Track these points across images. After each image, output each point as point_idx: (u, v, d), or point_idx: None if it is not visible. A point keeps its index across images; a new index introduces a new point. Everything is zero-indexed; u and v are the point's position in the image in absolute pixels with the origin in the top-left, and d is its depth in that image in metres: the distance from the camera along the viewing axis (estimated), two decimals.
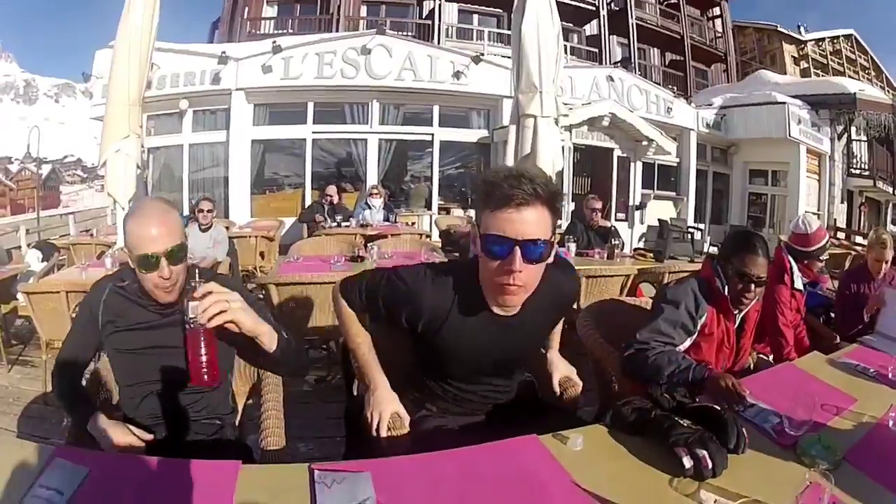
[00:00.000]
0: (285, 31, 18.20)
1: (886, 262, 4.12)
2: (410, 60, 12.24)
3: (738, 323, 2.58)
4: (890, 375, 2.67)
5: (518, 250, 1.50)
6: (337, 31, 16.89)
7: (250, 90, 11.87)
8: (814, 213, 16.59)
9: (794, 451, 1.70)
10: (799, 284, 3.50)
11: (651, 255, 6.34)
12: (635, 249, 6.94)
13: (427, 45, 13.39)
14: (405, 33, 17.03)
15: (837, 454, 1.67)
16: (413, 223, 10.96)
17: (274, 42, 11.87)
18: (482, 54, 12.92)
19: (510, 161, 7.98)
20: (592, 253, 6.17)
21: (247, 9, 19.02)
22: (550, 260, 1.62)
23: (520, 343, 1.87)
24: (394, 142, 12.89)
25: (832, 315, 4.58)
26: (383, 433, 1.77)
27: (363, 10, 18.84)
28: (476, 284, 1.70)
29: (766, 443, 1.76)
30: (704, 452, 1.45)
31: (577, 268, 4.98)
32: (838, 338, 3.75)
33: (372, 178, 12.44)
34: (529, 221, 1.50)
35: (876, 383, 2.57)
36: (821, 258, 3.66)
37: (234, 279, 1.87)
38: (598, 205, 6.81)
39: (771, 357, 3.38)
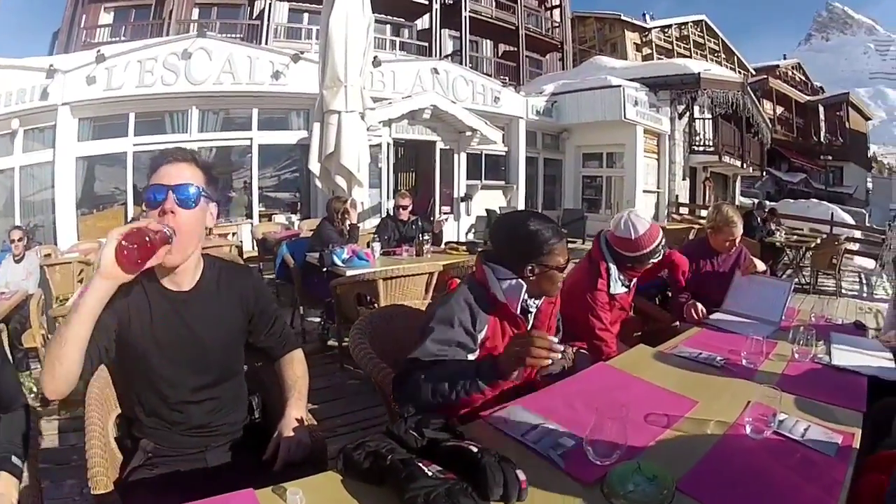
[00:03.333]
0: (119, 38, 17.52)
1: (737, 239, 3.85)
2: (230, 63, 12.05)
3: (531, 324, 2.22)
4: (744, 362, 2.35)
5: (172, 193, 1.66)
6: (168, 35, 16.29)
7: (75, 104, 11.36)
8: (653, 192, 17.78)
9: (600, 490, 1.34)
10: (618, 290, 3.17)
11: (464, 247, 6.30)
12: (447, 243, 6.85)
13: (247, 46, 13.21)
14: (235, 35, 16.88)
15: (666, 486, 1.31)
16: (234, 233, 10.84)
17: (98, 51, 11.40)
18: (302, 52, 12.87)
19: (314, 161, 7.88)
20: (400, 251, 6.07)
21: (84, 17, 18.25)
22: (206, 217, 1.78)
23: (200, 325, 1.82)
24: (214, 149, 12.65)
25: (668, 295, 4.27)
26: None
27: (195, 13, 18.48)
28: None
29: (561, 480, 1.39)
30: None
31: (371, 270, 4.93)
32: (678, 321, 3.51)
33: None
34: (182, 172, 1.71)
35: (725, 377, 2.22)
36: (652, 261, 3.20)
37: None
38: (406, 201, 6.86)
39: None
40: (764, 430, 1.65)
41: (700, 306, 3.38)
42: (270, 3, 18.42)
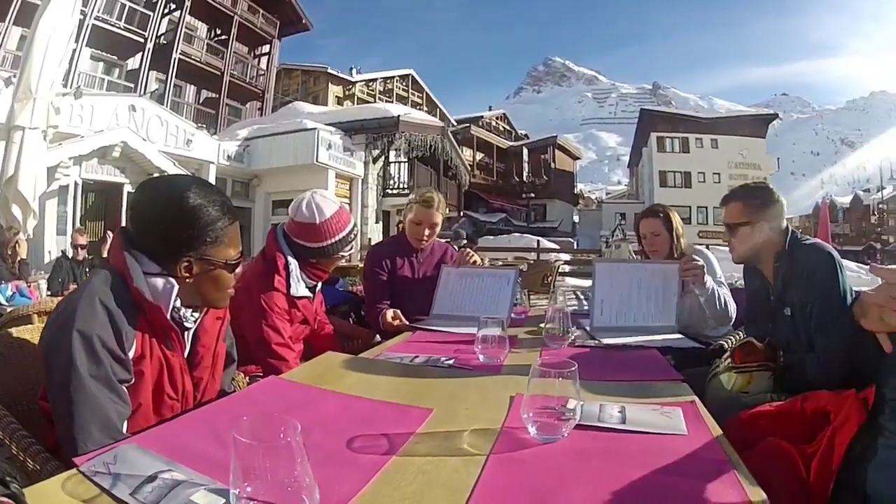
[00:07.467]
0: None
1: (435, 227, 3.27)
2: None
3: (188, 346, 1.61)
4: (481, 358, 1.93)
5: None
6: None
7: None
8: None
9: None
10: (301, 291, 2.60)
11: None
12: None
13: None
14: None
15: None
16: None
17: None
18: (15, 75, 10.40)
19: None
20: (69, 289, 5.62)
21: None
22: None
23: None
24: None
25: (363, 313, 3.63)
26: None
27: None
28: None
29: None
30: None
31: (27, 304, 3.94)
32: (380, 337, 2.99)
33: None
34: None
35: (462, 375, 1.79)
36: (342, 254, 2.74)
37: None
38: (83, 240, 6.94)
39: None
40: (561, 427, 1.15)
41: (398, 312, 2.94)
42: (6, 29, 17.61)
